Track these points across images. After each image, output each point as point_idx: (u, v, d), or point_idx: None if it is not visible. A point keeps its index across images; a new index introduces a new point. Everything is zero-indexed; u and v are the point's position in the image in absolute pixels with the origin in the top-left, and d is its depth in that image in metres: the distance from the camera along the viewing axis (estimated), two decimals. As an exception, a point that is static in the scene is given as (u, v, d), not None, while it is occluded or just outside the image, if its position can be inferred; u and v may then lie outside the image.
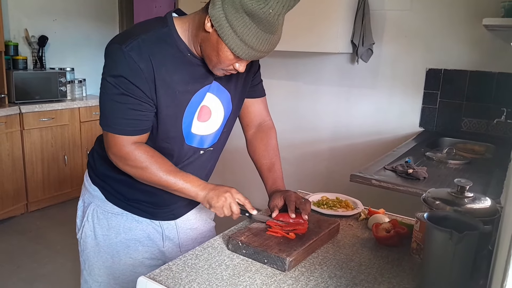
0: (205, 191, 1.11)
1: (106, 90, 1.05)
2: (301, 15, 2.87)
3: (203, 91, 1.15)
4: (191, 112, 1.15)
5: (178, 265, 1.03)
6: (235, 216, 1.14)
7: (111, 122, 1.07)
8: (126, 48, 1.01)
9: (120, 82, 1.02)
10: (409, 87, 2.99)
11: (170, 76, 1.08)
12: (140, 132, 1.09)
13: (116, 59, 1.03)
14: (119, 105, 1.05)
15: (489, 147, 2.50)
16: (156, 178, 1.10)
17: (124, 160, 1.10)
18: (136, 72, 1.02)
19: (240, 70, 1.08)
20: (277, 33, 1.01)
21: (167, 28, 1.08)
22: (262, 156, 1.36)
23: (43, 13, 3.90)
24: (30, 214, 3.57)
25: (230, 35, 0.98)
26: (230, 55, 1.02)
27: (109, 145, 1.10)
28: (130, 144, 1.08)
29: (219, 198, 1.10)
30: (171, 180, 1.10)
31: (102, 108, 1.09)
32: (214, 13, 0.98)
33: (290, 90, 3.51)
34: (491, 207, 1.07)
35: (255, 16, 0.95)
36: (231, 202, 1.11)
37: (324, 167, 3.43)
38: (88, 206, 1.28)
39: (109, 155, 1.12)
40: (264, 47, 1.00)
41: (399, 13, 2.96)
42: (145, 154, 1.09)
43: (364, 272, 1.04)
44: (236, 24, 0.96)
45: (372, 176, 1.81)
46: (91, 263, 1.28)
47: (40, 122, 3.49)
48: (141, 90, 1.04)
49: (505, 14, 2.24)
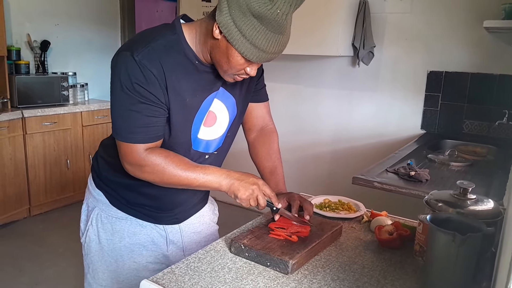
0: (229, 180, 1.09)
1: (120, 101, 1.04)
2: (302, 19, 2.87)
3: (211, 97, 1.15)
4: (200, 118, 1.15)
5: (181, 268, 1.03)
6: (261, 208, 1.13)
7: (127, 132, 1.06)
8: (138, 56, 1.01)
9: (135, 90, 1.02)
10: (411, 89, 2.99)
11: (179, 83, 1.07)
12: (156, 139, 1.09)
13: (128, 68, 1.01)
14: (136, 114, 1.04)
15: (491, 149, 2.50)
16: (176, 178, 1.08)
17: (140, 167, 1.08)
18: (150, 79, 1.02)
19: (251, 74, 1.07)
20: (286, 33, 1.01)
21: (176, 35, 1.08)
22: (264, 160, 1.36)
23: (45, 18, 3.92)
24: (33, 218, 3.57)
25: (239, 40, 0.98)
26: (240, 60, 1.02)
27: (123, 155, 1.09)
28: (143, 151, 1.07)
29: (246, 190, 1.08)
30: (191, 176, 1.07)
31: (117, 120, 1.07)
32: (221, 20, 0.98)
33: (291, 93, 3.52)
34: (494, 209, 1.07)
35: (263, 17, 0.95)
36: (258, 194, 1.10)
37: (326, 170, 3.43)
38: (92, 210, 1.28)
39: (125, 165, 1.10)
40: (274, 48, 1.00)
41: (400, 16, 2.96)
42: (160, 157, 1.07)
43: (367, 274, 1.04)
44: (244, 28, 0.96)
45: (374, 179, 1.81)
46: (95, 267, 1.28)
47: (43, 126, 3.50)
48: (156, 96, 1.04)
49: (506, 16, 2.24)
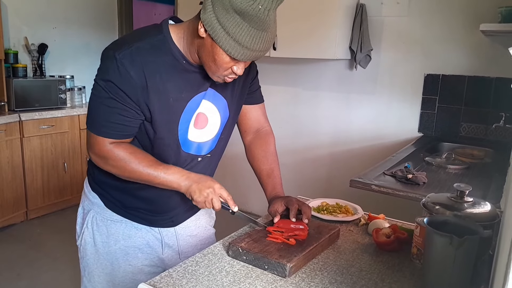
0: (187, 182, 1.11)
1: (96, 93, 1.08)
2: (299, 22, 2.89)
3: (198, 98, 1.16)
4: (187, 119, 1.16)
5: (179, 272, 1.03)
6: (216, 210, 1.15)
7: (97, 123, 1.09)
8: (119, 55, 1.03)
9: (109, 86, 1.05)
10: (408, 92, 3.00)
11: (163, 83, 1.08)
12: (123, 137, 1.11)
13: (108, 65, 1.05)
14: (107, 108, 1.07)
15: (488, 151, 2.51)
16: (138, 173, 1.10)
17: (105, 159, 1.11)
18: (125, 79, 1.04)
19: (238, 73, 1.08)
20: (270, 30, 1.00)
21: (162, 35, 1.09)
22: (261, 162, 1.36)
23: (43, 21, 3.91)
24: (30, 221, 3.56)
25: (223, 37, 0.98)
26: (226, 58, 1.02)
27: (91, 145, 1.12)
28: (109, 143, 1.10)
29: (201, 193, 1.10)
30: (152, 173, 1.10)
31: (90, 109, 1.11)
32: (205, 17, 0.99)
33: (289, 96, 3.52)
34: (491, 212, 1.07)
35: (245, 14, 0.95)
36: (213, 197, 1.11)
37: (324, 173, 3.44)
38: (88, 213, 1.28)
39: (90, 155, 1.14)
40: (258, 45, 1.00)
41: (397, 20, 2.98)
42: (124, 151, 1.10)
43: (365, 277, 1.04)
44: (228, 25, 0.97)
45: (372, 182, 1.81)
46: (90, 270, 1.28)
47: (40, 129, 3.49)
48: (128, 96, 1.06)
49: (502, 19, 2.25)
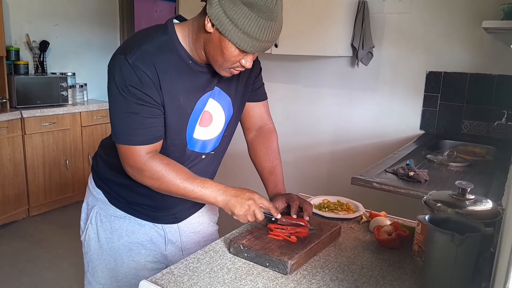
0: (225, 197, 1.09)
1: (117, 104, 1.05)
2: (301, 19, 2.88)
3: (205, 97, 1.16)
4: (195, 118, 1.16)
5: (180, 269, 1.03)
6: (259, 221, 1.13)
7: (127, 134, 1.06)
8: (131, 59, 1.02)
9: (130, 92, 1.03)
10: (410, 90, 2.99)
11: (173, 84, 1.08)
12: (156, 140, 1.09)
13: (123, 71, 1.03)
14: (134, 116, 1.05)
15: (489, 149, 2.50)
16: (174, 187, 1.08)
17: (141, 171, 1.09)
18: (144, 81, 1.03)
19: (247, 66, 1.07)
20: (278, 20, 1.00)
21: (168, 36, 1.08)
22: (263, 160, 1.36)
23: (44, 18, 3.91)
24: (32, 218, 3.57)
25: (232, 30, 0.98)
26: (235, 51, 1.02)
27: (125, 158, 1.09)
28: (145, 154, 1.08)
29: (242, 206, 1.08)
30: (189, 187, 1.08)
31: (115, 123, 1.07)
32: (212, 12, 0.98)
33: (290, 93, 3.52)
34: (492, 209, 1.07)
35: (253, 4, 0.95)
36: (254, 209, 1.09)
37: (325, 170, 3.43)
38: (92, 208, 1.28)
39: (126, 168, 1.11)
40: (267, 36, 1.00)
41: (399, 16, 2.96)
42: (161, 164, 1.08)
43: (366, 275, 1.04)
44: (236, 17, 0.96)
45: (373, 179, 1.81)
46: (94, 265, 1.29)
47: (42, 126, 3.50)
48: (151, 97, 1.05)
49: (505, 16, 2.24)
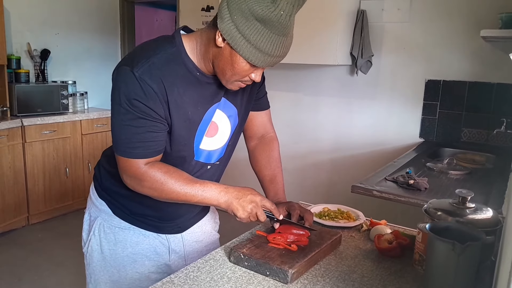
0: (227, 198, 1.09)
1: (120, 116, 1.04)
2: (300, 28, 2.88)
3: (213, 108, 1.15)
4: (202, 130, 1.15)
5: (180, 278, 1.03)
6: (261, 222, 1.13)
7: (127, 146, 1.05)
8: (138, 72, 1.00)
9: (134, 105, 1.01)
10: (409, 98, 3.01)
11: (181, 97, 1.07)
12: (155, 154, 1.08)
13: (129, 83, 1.01)
14: (135, 129, 1.04)
15: (489, 157, 2.51)
16: (175, 194, 1.07)
17: (140, 181, 1.08)
18: (150, 95, 1.01)
19: (256, 80, 1.07)
20: (290, 35, 1.01)
21: (175, 48, 1.07)
22: (264, 168, 1.36)
23: (45, 27, 3.94)
24: (32, 226, 3.56)
25: (243, 46, 0.98)
26: (245, 66, 1.02)
27: (124, 169, 1.08)
28: (143, 165, 1.07)
29: (244, 210, 1.08)
30: (189, 192, 1.07)
31: (116, 134, 1.06)
32: (224, 27, 0.98)
33: (290, 102, 3.53)
34: (493, 218, 1.07)
35: (266, 20, 0.95)
36: (257, 211, 1.10)
37: (325, 178, 3.43)
38: (95, 220, 1.27)
39: (124, 179, 1.10)
40: (279, 51, 1.00)
41: (398, 25, 2.99)
42: (159, 171, 1.07)
43: (367, 284, 1.04)
44: (248, 33, 0.96)
45: (373, 187, 1.81)
46: (97, 277, 1.28)
47: (42, 134, 3.50)
48: (155, 112, 1.03)
49: (503, 25, 2.26)
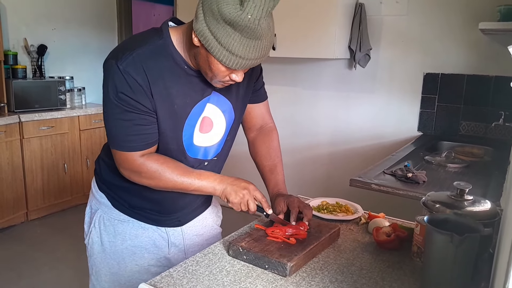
0: (222, 185, 1.13)
1: (109, 110, 1.05)
2: (298, 22, 2.89)
3: (202, 102, 1.15)
4: (191, 124, 1.15)
5: (179, 272, 1.03)
6: (251, 212, 1.15)
7: (120, 140, 1.07)
8: (122, 64, 1.00)
9: (121, 99, 1.02)
10: (407, 91, 3.01)
11: (167, 89, 1.07)
12: (149, 146, 1.10)
13: (114, 77, 1.02)
14: (125, 123, 1.05)
15: (487, 150, 2.51)
16: (172, 183, 1.10)
17: (138, 173, 1.10)
18: (135, 88, 1.02)
19: (237, 80, 1.06)
20: (264, 38, 0.96)
21: (162, 40, 1.06)
22: (264, 158, 1.36)
23: (42, 22, 3.92)
24: (30, 222, 3.56)
25: (216, 47, 0.96)
26: (221, 67, 1.01)
27: (120, 162, 1.10)
28: (139, 157, 1.08)
29: (237, 194, 1.11)
30: (186, 181, 1.10)
31: (108, 128, 1.08)
32: (198, 27, 0.97)
33: (288, 96, 3.52)
34: (491, 210, 1.07)
35: (235, 24, 0.92)
36: (248, 199, 1.12)
37: (324, 172, 3.44)
38: (95, 212, 1.28)
39: (122, 171, 1.13)
40: (252, 54, 0.97)
41: (396, 19, 2.98)
42: (156, 163, 1.09)
43: (365, 276, 1.04)
44: (219, 35, 0.94)
45: (372, 181, 1.81)
46: (98, 268, 1.29)
47: (40, 130, 3.49)
48: (142, 104, 1.04)
49: (501, 18, 2.26)
